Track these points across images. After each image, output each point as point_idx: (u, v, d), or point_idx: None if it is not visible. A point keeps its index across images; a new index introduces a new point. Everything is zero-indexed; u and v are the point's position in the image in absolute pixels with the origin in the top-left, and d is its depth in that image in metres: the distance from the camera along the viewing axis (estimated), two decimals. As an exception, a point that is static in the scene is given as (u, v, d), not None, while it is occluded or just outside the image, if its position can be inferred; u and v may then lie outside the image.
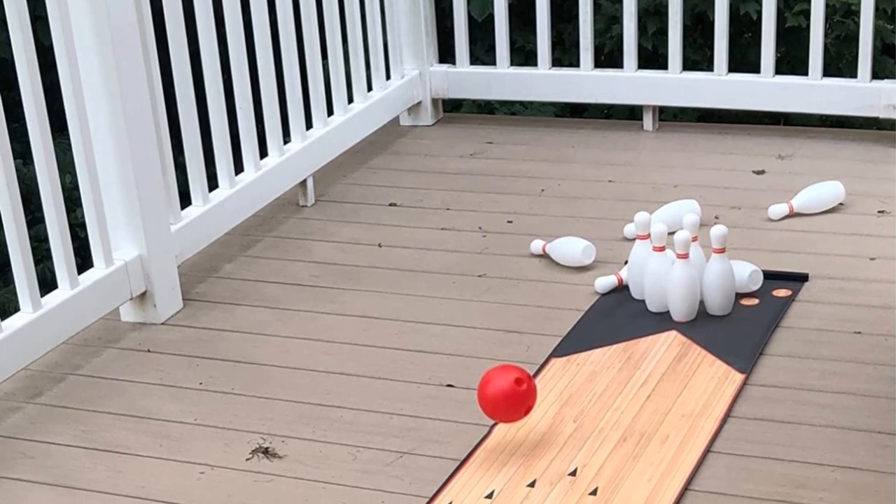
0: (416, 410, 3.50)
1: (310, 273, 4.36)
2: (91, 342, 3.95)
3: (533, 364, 3.65)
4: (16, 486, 3.26)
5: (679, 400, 3.46)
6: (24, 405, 3.63)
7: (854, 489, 3.08)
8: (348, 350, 3.85)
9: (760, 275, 4.01)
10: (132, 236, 4.01)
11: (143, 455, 3.36)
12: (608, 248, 4.36)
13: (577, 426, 3.36)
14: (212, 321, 4.07)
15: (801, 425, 3.34)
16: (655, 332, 3.81)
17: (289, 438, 3.39)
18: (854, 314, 3.88)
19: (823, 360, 3.65)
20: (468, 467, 3.22)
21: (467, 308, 4.06)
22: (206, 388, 3.68)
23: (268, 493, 3.18)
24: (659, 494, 3.07)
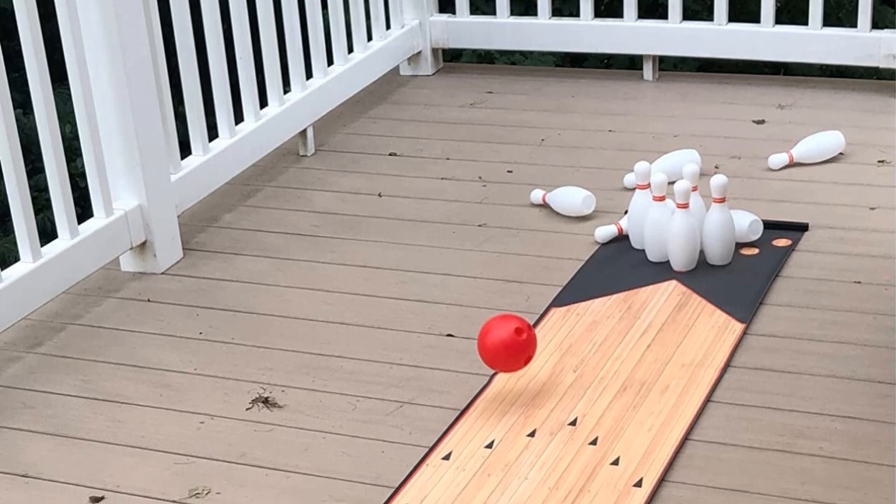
0: (416, 360, 3.47)
1: (310, 223, 4.32)
2: (91, 292, 3.91)
3: (533, 314, 3.61)
4: (16, 436, 3.23)
5: (679, 350, 3.43)
6: (24, 355, 3.60)
7: (854, 438, 3.05)
8: (348, 300, 3.81)
9: (760, 224, 3.97)
10: (132, 186, 3.97)
11: (142, 405, 3.33)
12: (608, 197, 4.32)
13: (577, 376, 3.33)
14: (212, 271, 4.03)
15: (800, 375, 3.31)
16: (655, 282, 3.77)
17: (288, 388, 3.36)
18: (854, 264, 3.85)
19: (823, 310, 3.61)
20: (468, 417, 3.18)
21: (467, 258, 4.03)
22: (206, 337, 3.64)
23: (268, 442, 3.15)
24: (659, 444, 3.04)
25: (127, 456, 3.13)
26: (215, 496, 2.96)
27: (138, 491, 2.99)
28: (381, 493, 2.93)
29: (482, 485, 2.93)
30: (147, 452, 3.14)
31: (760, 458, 2.99)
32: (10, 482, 3.05)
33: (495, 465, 2.99)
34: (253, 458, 3.09)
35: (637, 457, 3.00)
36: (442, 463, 3.01)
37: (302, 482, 2.99)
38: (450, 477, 2.96)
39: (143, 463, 3.09)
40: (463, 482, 2.94)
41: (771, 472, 2.94)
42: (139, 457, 3.12)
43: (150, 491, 2.98)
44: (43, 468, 3.09)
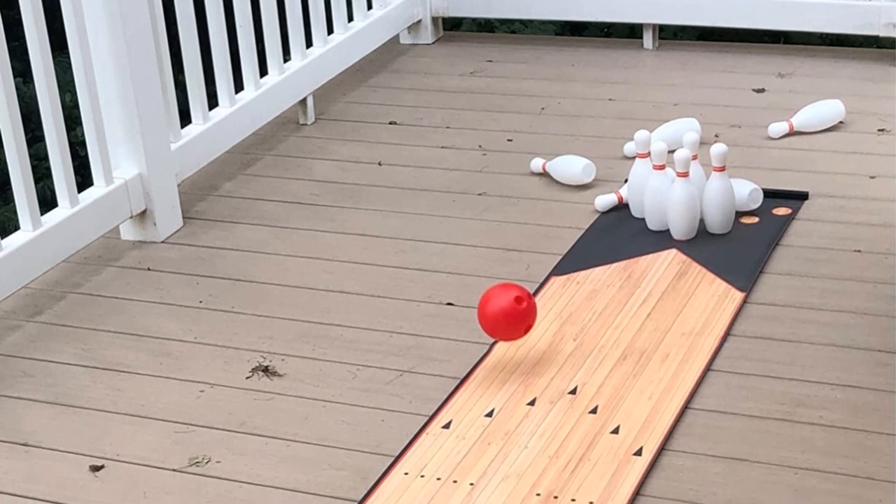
0: (415, 329, 3.44)
1: (310, 191, 4.29)
2: (91, 260, 3.89)
3: (533, 282, 3.59)
4: (15, 405, 3.21)
5: (679, 318, 3.40)
6: (23, 323, 3.58)
7: (854, 407, 3.02)
8: (348, 268, 3.78)
9: (760, 193, 3.94)
10: (132, 155, 3.94)
11: (142, 373, 3.31)
12: (608, 166, 4.29)
13: (576, 345, 3.30)
14: (212, 239, 4.00)
15: (800, 343, 3.29)
16: (655, 251, 3.74)
17: (288, 357, 3.34)
18: (854, 232, 3.82)
19: (823, 279, 3.59)
20: (468, 386, 3.16)
21: (467, 226, 4.00)
22: (206, 306, 3.62)
23: (267, 411, 3.12)
24: (659, 412, 3.02)
25: (127, 424, 3.10)
26: (215, 465, 2.93)
27: (138, 459, 2.96)
28: (380, 461, 2.91)
29: (482, 453, 2.90)
30: (147, 421, 3.11)
31: (760, 427, 2.97)
32: (9, 451, 3.02)
33: (495, 434, 2.97)
34: (253, 427, 3.06)
35: (637, 425, 2.97)
36: (442, 431, 2.99)
37: (302, 451, 2.97)
38: (450, 445, 2.94)
39: (143, 431, 3.07)
40: (463, 451, 2.92)
41: (771, 440, 2.92)
42: (139, 425, 3.10)
43: (149, 459, 2.96)
44: (43, 437, 3.07)
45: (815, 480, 2.78)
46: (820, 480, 2.78)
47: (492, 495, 2.76)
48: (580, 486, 2.78)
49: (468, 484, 2.80)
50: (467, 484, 2.80)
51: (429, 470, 2.86)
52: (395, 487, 2.81)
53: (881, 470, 2.80)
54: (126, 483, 2.89)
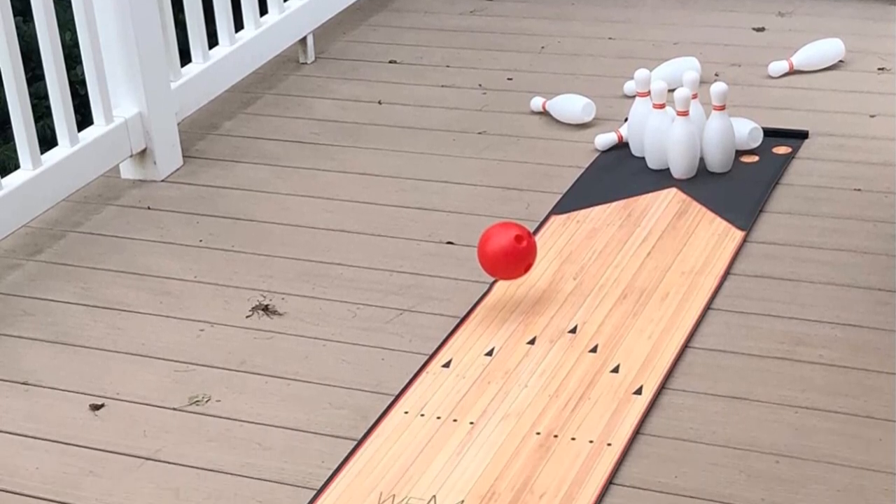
0: (415, 268, 3.40)
1: (310, 130, 4.24)
2: (91, 199, 3.84)
3: (533, 221, 3.54)
4: (16, 343, 3.16)
5: (679, 257, 3.35)
6: (24, 262, 3.53)
7: (854, 346, 2.99)
8: (348, 207, 3.74)
9: (760, 132, 3.89)
10: (132, 94, 3.90)
11: (142, 312, 3.27)
12: (608, 105, 4.23)
13: (576, 283, 3.26)
14: (212, 178, 3.95)
15: (800, 282, 3.24)
16: (655, 190, 3.69)
17: (288, 295, 3.29)
18: (854, 171, 3.78)
19: (823, 217, 3.54)
20: (468, 325, 3.12)
21: (467, 165, 3.95)
22: (206, 245, 3.57)
23: (267, 350, 3.08)
24: (659, 351, 2.98)
25: (127, 363, 3.06)
26: (215, 403, 2.90)
27: (138, 398, 2.93)
28: (380, 400, 2.87)
29: (482, 392, 2.86)
30: (147, 360, 3.07)
31: (760, 366, 2.93)
32: (10, 389, 2.99)
33: (495, 373, 2.92)
34: (253, 366, 3.02)
35: (637, 364, 2.93)
36: (442, 370, 2.95)
37: (302, 389, 2.93)
38: (450, 384, 2.90)
39: (143, 370, 3.03)
40: (463, 389, 2.88)
41: (771, 379, 2.88)
42: (139, 364, 3.06)
43: (149, 398, 2.92)
44: (43, 375, 3.03)
45: (814, 419, 2.74)
46: (820, 419, 2.74)
47: (492, 434, 2.72)
48: (580, 424, 2.74)
49: (468, 423, 2.77)
50: (467, 423, 2.76)
51: (429, 409, 2.82)
52: (394, 426, 2.77)
53: (881, 409, 2.76)
54: (126, 422, 2.85)
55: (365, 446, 2.71)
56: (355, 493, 2.58)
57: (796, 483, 2.56)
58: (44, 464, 2.73)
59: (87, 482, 2.66)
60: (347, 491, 2.59)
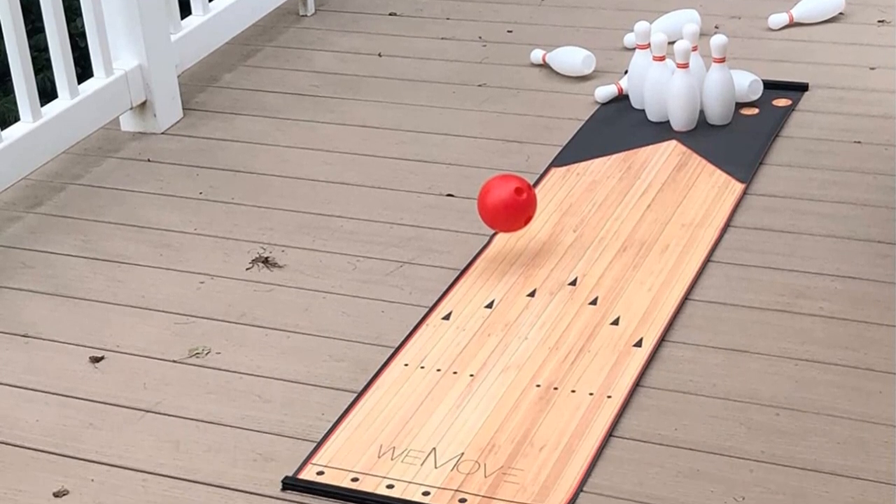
0: (416, 220, 3.36)
1: (309, 83, 4.19)
2: (91, 152, 3.80)
3: (533, 173, 3.50)
4: (15, 296, 3.13)
5: (679, 209, 3.31)
6: (24, 215, 3.49)
7: (854, 298, 2.95)
8: (348, 159, 3.69)
9: (760, 84, 3.85)
10: (132, 46, 3.86)
11: (142, 264, 3.23)
12: (608, 57, 4.18)
13: (576, 236, 3.21)
14: (211, 131, 3.91)
15: (801, 235, 3.21)
16: (655, 142, 3.65)
17: (288, 248, 3.25)
18: (854, 123, 3.74)
19: (823, 170, 3.50)
20: (468, 277, 3.08)
21: (467, 117, 3.90)
22: (206, 197, 3.53)
23: (267, 302, 3.04)
24: (659, 304, 2.94)
25: (127, 316, 3.03)
26: (215, 356, 2.86)
27: (138, 351, 2.89)
28: (380, 352, 2.83)
29: (482, 344, 2.83)
30: (147, 312, 3.03)
31: (760, 318, 2.89)
32: (9, 342, 2.95)
33: (495, 325, 2.89)
34: (253, 318, 2.99)
35: (637, 316, 2.89)
36: (442, 323, 2.91)
37: (302, 342, 2.89)
38: (450, 337, 2.86)
39: (143, 323, 2.99)
40: (463, 342, 2.84)
41: (771, 331, 2.84)
42: (139, 317, 3.02)
43: (149, 351, 2.89)
44: (43, 328, 2.99)
45: (814, 372, 2.71)
46: (820, 371, 2.71)
47: (492, 386, 2.69)
48: (580, 377, 2.71)
49: (468, 375, 2.73)
50: (467, 375, 2.73)
51: (429, 361, 2.78)
52: (394, 378, 2.74)
53: (881, 361, 2.73)
54: (126, 374, 2.82)
55: (365, 399, 2.68)
56: (355, 445, 2.55)
57: (796, 435, 2.53)
58: (44, 416, 2.69)
59: (86, 434, 2.63)
60: (347, 443, 2.55)
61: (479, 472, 2.46)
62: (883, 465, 2.44)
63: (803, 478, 2.42)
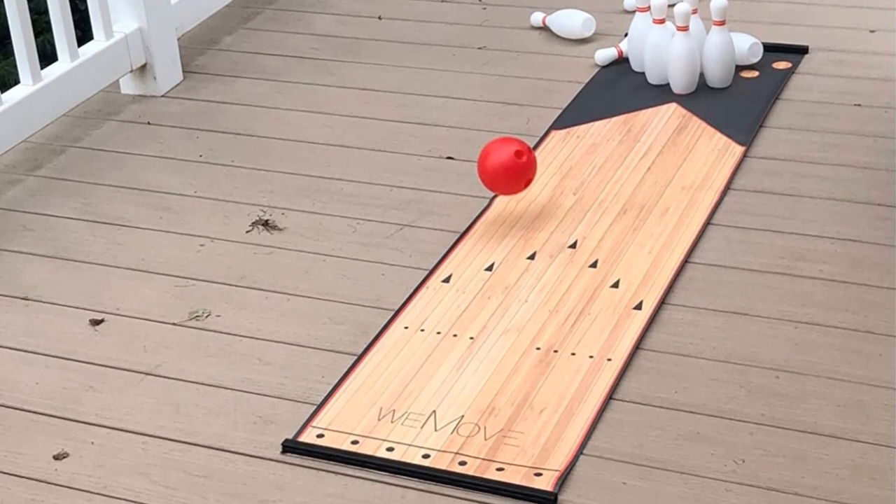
0: (416, 183, 3.32)
1: (310, 45, 4.15)
2: (91, 115, 3.76)
3: (533, 136, 3.47)
4: (15, 259, 3.10)
5: (679, 172, 3.28)
6: (24, 178, 3.46)
7: (854, 261, 2.92)
8: (348, 122, 3.66)
9: (760, 47, 3.81)
10: (132, 9, 3.82)
11: (142, 227, 3.19)
12: (608, 20, 4.14)
13: (576, 199, 3.18)
14: (211, 94, 3.87)
15: (800, 197, 3.17)
16: (655, 105, 3.62)
17: (289, 211, 3.22)
18: (854, 86, 3.70)
19: (823, 133, 3.47)
20: (468, 240, 3.05)
21: (467, 80, 3.87)
22: (206, 160, 3.49)
23: (267, 265, 3.01)
24: (659, 266, 2.91)
25: (127, 279, 2.99)
26: (215, 319, 2.83)
27: (138, 313, 2.86)
28: (380, 315, 2.80)
29: (482, 307, 2.80)
30: (147, 275, 3.00)
31: (760, 281, 2.86)
32: (10, 304, 2.92)
33: (495, 288, 2.86)
34: (253, 281, 2.96)
35: (637, 279, 2.86)
36: (442, 285, 2.88)
37: (301, 304, 2.86)
38: (450, 299, 2.83)
39: (143, 285, 2.96)
40: (463, 305, 2.81)
41: (771, 294, 2.81)
42: (139, 279, 2.99)
43: (149, 313, 2.86)
44: (43, 291, 2.96)
45: (814, 334, 2.68)
46: (820, 334, 2.68)
47: (492, 349, 2.66)
48: (580, 340, 2.68)
49: (468, 338, 2.70)
50: (467, 338, 2.70)
51: (429, 324, 2.75)
52: (395, 341, 2.71)
53: (881, 324, 2.70)
54: (126, 337, 2.79)
55: (365, 361, 2.65)
56: (355, 408, 2.52)
57: (796, 398, 2.50)
58: (44, 379, 2.67)
59: (86, 397, 2.60)
60: (347, 406, 2.53)
61: (479, 435, 2.43)
62: (883, 428, 2.41)
63: (803, 440, 2.40)
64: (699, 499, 2.27)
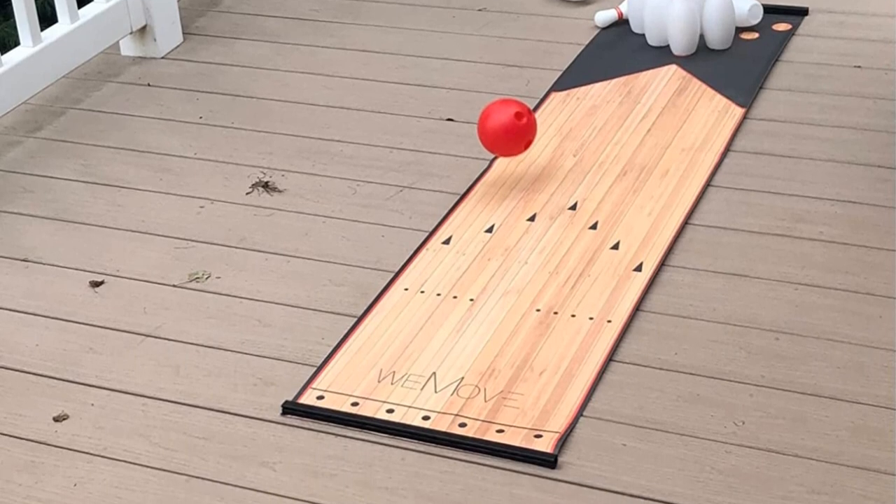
0: (416, 144, 3.28)
1: (309, 7, 4.11)
2: (91, 76, 3.72)
3: (533, 98, 3.43)
4: (16, 220, 3.06)
5: (679, 134, 3.24)
6: (24, 139, 3.41)
7: (854, 223, 2.89)
8: (348, 84, 3.61)
9: (760, 9, 3.78)
10: (132, -30, 3.79)
11: (142, 189, 3.16)
12: (608, -19, 4.09)
13: (577, 160, 3.14)
14: (211, 55, 3.82)
15: (800, 159, 3.14)
16: (655, 67, 3.58)
17: (288, 172, 3.18)
18: (854, 48, 3.67)
19: (823, 94, 3.43)
20: (468, 201, 3.01)
21: (467, 42, 3.83)
22: (206, 122, 3.45)
23: (267, 227, 2.98)
24: (659, 228, 2.87)
25: (127, 240, 2.96)
26: (215, 280, 2.80)
27: (138, 275, 2.83)
28: (380, 276, 2.77)
29: (482, 269, 2.76)
30: (147, 237, 2.97)
31: (760, 243, 2.83)
32: (10, 266, 2.89)
33: (495, 250, 2.82)
34: (253, 243, 2.92)
35: (637, 241, 2.83)
36: (442, 247, 2.85)
37: (302, 266, 2.83)
38: (450, 261, 2.80)
39: (143, 247, 2.93)
40: (463, 266, 2.78)
41: (771, 256, 2.78)
42: (139, 241, 2.95)
43: (149, 275, 2.82)
44: (43, 252, 2.93)
45: (814, 296, 2.65)
46: (820, 296, 2.65)
47: (492, 311, 2.63)
48: (580, 301, 2.64)
49: (468, 300, 2.67)
50: (467, 300, 2.67)
51: (429, 286, 2.72)
52: (394, 303, 2.67)
53: (881, 285, 2.67)
54: (126, 299, 2.75)
55: (365, 323, 2.62)
56: (355, 369, 2.49)
57: (796, 360, 2.47)
58: (44, 340, 2.63)
59: (86, 359, 2.57)
60: (347, 368, 2.50)
61: (479, 397, 2.40)
62: (883, 390, 2.38)
63: (803, 402, 2.37)
64: (699, 460, 2.25)
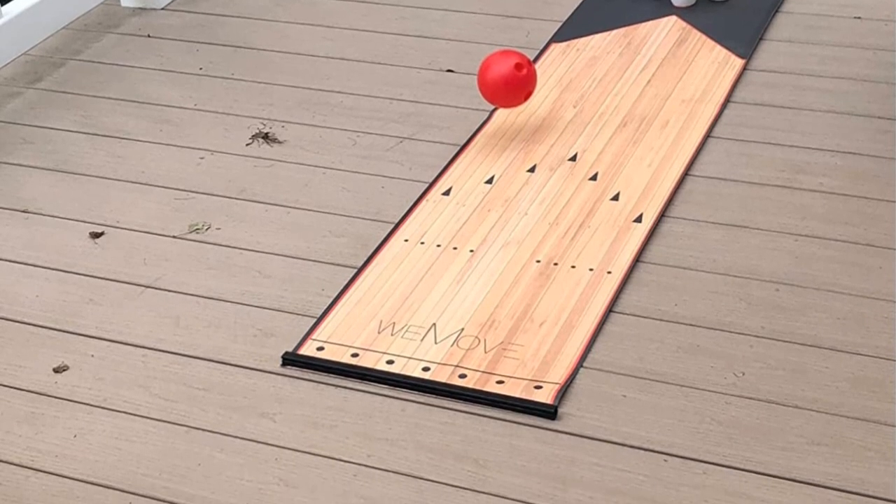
0: (416, 95, 3.23)
1: (310, -42, 4.04)
2: (91, 27, 3.66)
3: (533, 49, 3.37)
4: (15, 171, 3.01)
5: (679, 85, 3.19)
6: (24, 90, 3.36)
7: (854, 174, 2.84)
8: (348, 35, 3.56)
9: (761, -41, 3.70)
10: (131, -80, 3.73)
11: (142, 140, 3.11)
12: (608, -67, 4.01)
13: (577, 112, 3.09)
14: (211, 6, 3.77)
15: (800, 110, 3.09)
16: (655, 18, 3.52)
17: (288, 123, 3.13)
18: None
19: (823, 46, 3.38)
20: (468, 152, 2.96)
21: (467, -7, 3.77)
22: (206, 73, 3.40)
23: (267, 178, 2.93)
24: (659, 179, 2.82)
25: (127, 191, 2.91)
26: (215, 231, 2.75)
27: (138, 226, 2.78)
28: (380, 227, 2.73)
29: (482, 220, 2.72)
30: (147, 188, 2.92)
31: (760, 194, 2.78)
32: (10, 217, 2.84)
33: (495, 201, 2.78)
34: (253, 194, 2.87)
35: (637, 192, 2.78)
36: (442, 198, 2.80)
37: (302, 217, 2.78)
38: (450, 212, 2.75)
39: (143, 198, 2.88)
40: (463, 217, 2.73)
41: (771, 207, 2.73)
42: (139, 192, 2.91)
43: (150, 226, 2.78)
44: (43, 203, 2.88)
45: (814, 247, 2.61)
46: (820, 247, 2.61)
47: (492, 262, 2.58)
48: (580, 252, 2.60)
49: (468, 251, 2.62)
50: (467, 251, 2.62)
51: (429, 237, 2.68)
52: (395, 254, 2.63)
53: (881, 237, 2.63)
54: (126, 249, 2.71)
55: (365, 274, 2.58)
56: (355, 320, 2.45)
57: (796, 311, 2.43)
58: (44, 291, 2.59)
59: (86, 310, 2.53)
60: (347, 319, 2.46)
61: (479, 348, 2.36)
62: (882, 341, 2.35)
63: (803, 353, 2.33)
64: (699, 411, 2.21)
